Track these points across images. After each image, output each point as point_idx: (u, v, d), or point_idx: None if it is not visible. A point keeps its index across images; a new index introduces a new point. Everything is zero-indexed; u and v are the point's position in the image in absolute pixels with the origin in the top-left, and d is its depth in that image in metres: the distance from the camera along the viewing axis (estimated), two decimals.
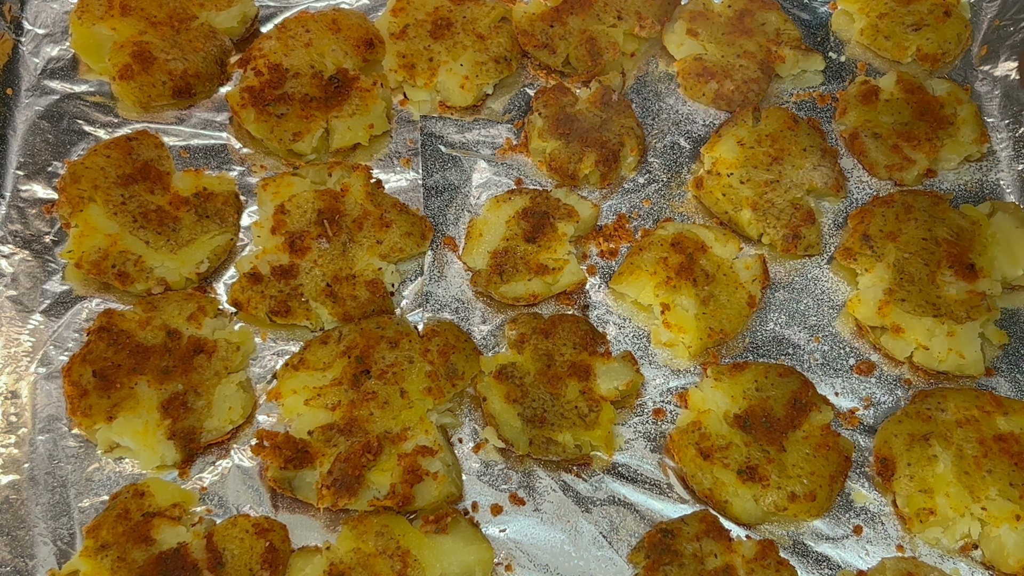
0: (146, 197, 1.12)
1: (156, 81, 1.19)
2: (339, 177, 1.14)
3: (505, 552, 0.99)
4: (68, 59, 1.24)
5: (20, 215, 1.14)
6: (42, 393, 1.04)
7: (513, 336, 1.08)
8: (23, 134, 1.19)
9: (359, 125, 1.18)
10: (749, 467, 1.00)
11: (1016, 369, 1.10)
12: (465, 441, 1.05)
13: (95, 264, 1.08)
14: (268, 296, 1.07)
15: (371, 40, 1.23)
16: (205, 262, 1.10)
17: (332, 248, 1.10)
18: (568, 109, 1.21)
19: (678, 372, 1.09)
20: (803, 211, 1.15)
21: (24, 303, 1.09)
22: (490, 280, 1.11)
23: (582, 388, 1.04)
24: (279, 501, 1.01)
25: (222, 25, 1.24)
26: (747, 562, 0.96)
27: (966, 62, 1.31)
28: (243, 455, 1.03)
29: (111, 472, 1.02)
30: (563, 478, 1.03)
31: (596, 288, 1.14)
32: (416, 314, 1.11)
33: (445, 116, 1.23)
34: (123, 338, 1.04)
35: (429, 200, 1.18)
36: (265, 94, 1.18)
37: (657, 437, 1.06)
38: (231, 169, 1.19)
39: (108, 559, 0.93)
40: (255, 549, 0.95)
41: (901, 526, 1.02)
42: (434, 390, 1.02)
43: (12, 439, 1.02)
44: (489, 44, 1.24)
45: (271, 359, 1.08)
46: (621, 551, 1.00)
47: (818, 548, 1.01)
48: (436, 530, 0.96)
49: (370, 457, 0.98)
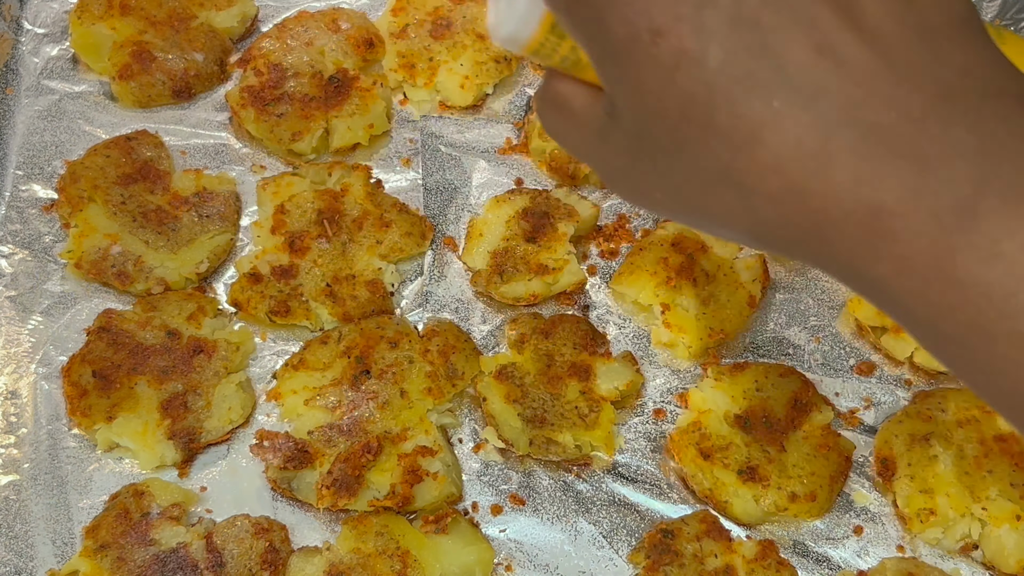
0: (146, 197, 1.12)
1: (156, 81, 1.19)
2: (339, 177, 1.14)
3: (505, 552, 0.99)
4: (68, 59, 1.24)
5: (20, 215, 1.14)
6: (42, 393, 1.04)
7: (513, 336, 1.08)
8: (23, 134, 1.19)
9: (359, 125, 1.18)
10: (749, 467, 1.00)
11: None
12: (465, 441, 1.05)
13: (95, 264, 1.08)
14: (268, 296, 1.07)
15: (371, 40, 1.23)
16: (205, 262, 1.10)
17: (332, 248, 1.10)
18: None
19: (678, 372, 1.09)
20: None
21: (24, 303, 1.09)
22: (490, 280, 1.11)
23: (582, 388, 1.04)
24: (279, 501, 1.01)
25: (222, 25, 1.24)
26: (747, 562, 0.96)
27: None
28: (243, 455, 1.03)
29: (111, 472, 1.01)
30: (563, 478, 1.03)
31: (596, 288, 1.14)
32: (416, 314, 1.11)
33: (445, 116, 1.23)
34: (123, 338, 1.04)
35: (429, 200, 1.18)
36: (265, 94, 1.18)
37: (657, 437, 1.06)
38: (231, 169, 1.18)
39: (108, 559, 0.93)
40: (255, 549, 0.95)
41: (901, 526, 1.02)
42: (434, 390, 1.02)
43: (12, 439, 1.02)
44: (489, 44, 1.24)
45: (271, 359, 1.08)
46: (621, 551, 1.00)
47: (818, 548, 1.01)
48: (436, 530, 0.96)
49: (370, 457, 0.98)
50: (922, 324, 0.50)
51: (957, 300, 0.47)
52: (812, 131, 0.46)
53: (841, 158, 0.46)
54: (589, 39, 0.48)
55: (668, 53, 0.45)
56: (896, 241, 0.47)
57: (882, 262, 0.48)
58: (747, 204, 0.48)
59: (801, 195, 0.47)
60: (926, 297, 0.48)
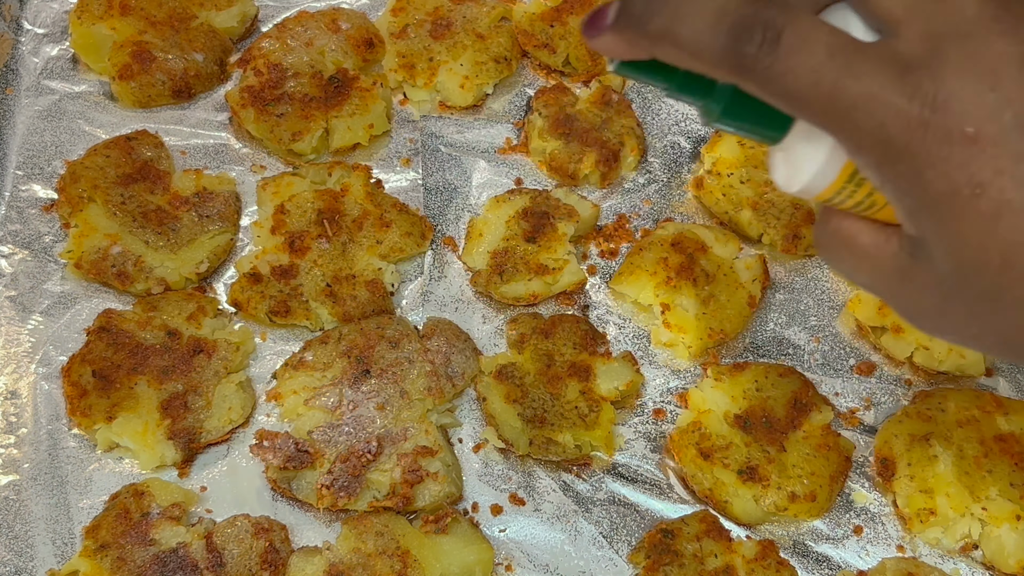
0: (146, 197, 1.12)
1: (156, 81, 1.19)
2: (339, 177, 1.14)
3: (505, 552, 0.99)
4: (68, 59, 1.24)
5: (20, 215, 1.14)
6: (42, 393, 1.04)
7: (513, 336, 1.08)
8: (23, 134, 1.19)
9: (359, 125, 1.18)
10: (749, 467, 1.00)
11: (1016, 369, 1.10)
12: (465, 441, 1.05)
13: (95, 264, 1.08)
14: (268, 296, 1.07)
15: (371, 40, 1.23)
16: (205, 262, 1.10)
17: (332, 248, 1.10)
18: (568, 109, 1.21)
19: (678, 372, 1.09)
20: (803, 211, 1.15)
21: (24, 303, 1.09)
22: (490, 280, 1.10)
23: (582, 388, 1.04)
24: (279, 501, 1.01)
25: (222, 25, 1.24)
26: (747, 562, 0.96)
27: None
28: (243, 455, 1.03)
29: (111, 472, 1.01)
30: (563, 478, 1.03)
31: (596, 288, 1.14)
32: (416, 314, 1.11)
33: (445, 116, 1.23)
34: (123, 338, 1.04)
35: (429, 200, 1.18)
36: (265, 94, 1.18)
37: (657, 437, 1.06)
38: (231, 169, 1.18)
39: (108, 559, 0.93)
40: (255, 549, 0.95)
41: (901, 526, 1.02)
42: (434, 390, 1.02)
43: (12, 439, 1.02)
44: (489, 44, 1.24)
45: (271, 359, 1.08)
46: (621, 551, 1.00)
47: (818, 548, 1.01)
48: (436, 530, 0.96)
49: (370, 457, 0.98)
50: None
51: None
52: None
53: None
54: (903, 193, 0.50)
55: (990, 205, 0.46)
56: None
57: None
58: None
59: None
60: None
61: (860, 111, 0.47)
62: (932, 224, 0.49)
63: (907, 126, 0.47)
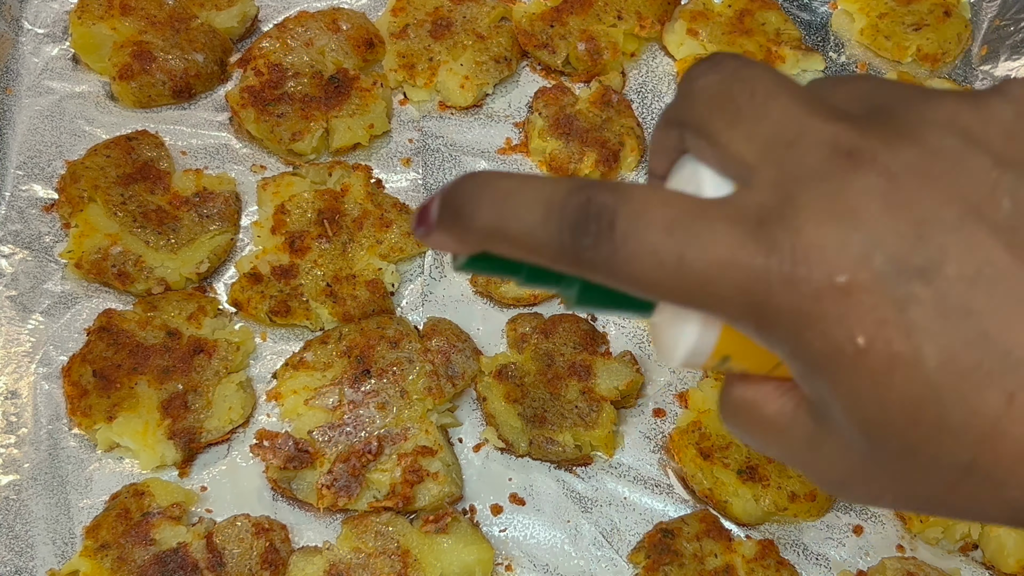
0: (146, 197, 1.12)
1: (156, 81, 1.19)
2: (339, 177, 1.14)
3: (505, 552, 0.99)
4: (68, 59, 1.24)
5: (20, 215, 1.14)
6: (42, 393, 1.04)
7: (513, 336, 1.08)
8: (23, 134, 1.19)
9: (359, 125, 1.18)
10: (749, 467, 1.00)
11: None
12: (465, 441, 1.05)
13: (95, 264, 1.08)
14: (268, 296, 1.07)
15: (371, 40, 1.23)
16: (205, 262, 1.10)
17: (332, 248, 1.10)
18: (568, 109, 1.21)
19: (678, 372, 1.09)
20: None
21: (24, 303, 1.09)
22: (490, 280, 1.11)
23: (582, 388, 1.04)
24: (279, 501, 1.01)
25: (222, 25, 1.24)
26: (747, 562, 0.97)
27: (966, 62, 1.31)
28: (243, 455, 1.03)
29: (111, 472, 1.01)
30: (563, 478, 1.03)
31: None
32: (416, 314, 1.11)
33: (445, 116, 1.23)
34: (123, 338, 1.04)
35: None
36: (265, 94, 1.18)
37: (657, 437, 1.06)
38: (231, 169, 1.19)
39: (108, 559, 0.93)
40: (255, 549, 0.95)
41: (901, 526, 1.02)
42: (434, 390, 1.02)
43: (12, 439, 1.02)
44: (489, 44, 1.24)
45: (271, 359, 1.08)
46: (621, 551, 1.00)
47: (818, 548, 1.01)
48: (436, 530, 0.96)
49: (370, 457, 0.98)
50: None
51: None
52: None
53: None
54: (788, 357, 0.45)
55: (879, 360, 0.41)
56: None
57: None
58: (998, 495, 0.45)
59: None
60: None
61: (716, 281, 0.42)
62: (825, 386, 0.44)
63: (772, 286, 0.41)
